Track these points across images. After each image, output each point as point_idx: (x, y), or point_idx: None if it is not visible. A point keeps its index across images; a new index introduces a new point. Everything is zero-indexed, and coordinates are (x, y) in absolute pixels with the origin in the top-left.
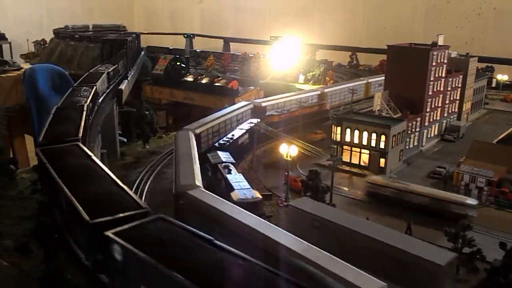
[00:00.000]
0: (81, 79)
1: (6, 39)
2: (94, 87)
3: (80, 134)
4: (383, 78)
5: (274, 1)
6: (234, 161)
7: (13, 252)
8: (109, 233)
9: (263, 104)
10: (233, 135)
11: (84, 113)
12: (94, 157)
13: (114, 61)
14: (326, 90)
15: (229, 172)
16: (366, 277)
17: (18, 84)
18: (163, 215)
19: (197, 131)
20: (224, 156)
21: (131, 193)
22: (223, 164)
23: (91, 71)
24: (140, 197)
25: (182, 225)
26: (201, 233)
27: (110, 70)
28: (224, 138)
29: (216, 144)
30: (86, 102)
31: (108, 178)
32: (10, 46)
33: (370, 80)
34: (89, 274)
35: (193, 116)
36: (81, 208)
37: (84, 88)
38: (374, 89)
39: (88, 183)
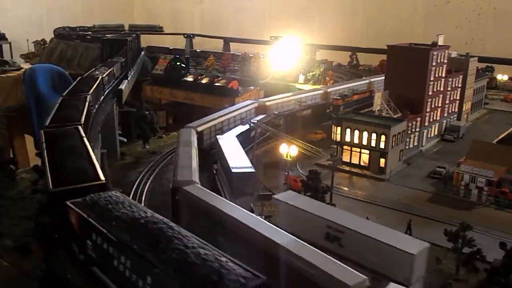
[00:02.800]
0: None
1: (6, 39)
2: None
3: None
4: (383, 77)
5: (274, 1)
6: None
7: (13, 252)
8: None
9: (267, 103)
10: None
11: (87, 103)
12: (85, 139)
13: (113, 62)
14: (329, 90)
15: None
16: (348, 271)
17: (18, 84)
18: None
19: (199, 128)
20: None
21: (98, 169)
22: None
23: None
24: (140, 197)
25: (129, 200)
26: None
27: (107, 73)
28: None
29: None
30: (89, 93)
31: (86, 156)
32: (10, 46)
33: (372, 80)
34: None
35: (193, 116)
36: (49, 178)
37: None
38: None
39: (67, 159)
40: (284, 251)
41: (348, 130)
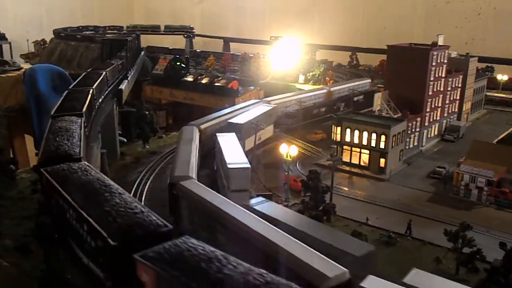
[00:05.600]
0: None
1: (6, 39)
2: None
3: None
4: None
5: (274, 1)
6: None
7: (13, 252)
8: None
9: (272, 103)
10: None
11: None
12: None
13: (114, 61)
14: (332, 89)
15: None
16: (330, 264)
17: (18, 84)
18: None
19: (202, 126)
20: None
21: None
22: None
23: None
24: (140, 196)
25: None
26: None
27: (108, 71)
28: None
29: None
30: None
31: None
32: (10, 46)
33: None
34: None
35: (193, 116)
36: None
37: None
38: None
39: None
40: (277, 247)
41: (348, 130)
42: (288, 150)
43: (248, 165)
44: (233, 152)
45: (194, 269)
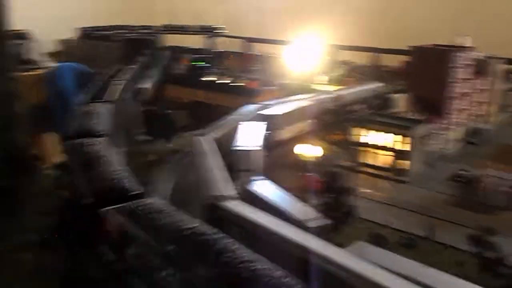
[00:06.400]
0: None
1: (32, 38)
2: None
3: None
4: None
5: (295, 1)
6: None
7: (36, 246)
8: None
9: (308, 100)
10: None
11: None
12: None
13: (138, 61)
14: (341, 93)
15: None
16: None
17: (42, 82)
18: None
19: (214, 135)
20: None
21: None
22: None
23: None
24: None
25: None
26: None
27: (134, 70)
28: None
29: None
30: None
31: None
32: (36, 45)
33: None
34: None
35: (213, 115)
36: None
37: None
38: None
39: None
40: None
41: (370, 132)
42: (309, 150)
43: (258, 148)
44: (248, 138)
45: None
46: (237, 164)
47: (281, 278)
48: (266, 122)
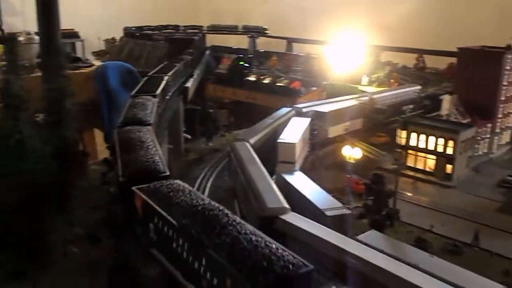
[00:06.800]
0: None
1: (79, 37)
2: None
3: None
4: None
5: (339, 1)
6: None
7: (83, 240)
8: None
9: (361, 99)
10: None
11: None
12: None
13: (180, 60)
14: (375, 96)
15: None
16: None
17: (90, 80)
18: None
19: (252, 141)
20: None
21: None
22: None
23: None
24: (203, 192)
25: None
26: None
27: (175, 69)
28: None
29: None
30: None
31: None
32: (83, 44)
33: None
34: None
35: (254, 115)
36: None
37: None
38: None
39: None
40: None
41: (414, 134)
42: (352, 152)
43: (295, 142)
44: (291, 132)
45: (165, 196)
46: (279, 156)
47: (273, 249)
48: (313, 119)
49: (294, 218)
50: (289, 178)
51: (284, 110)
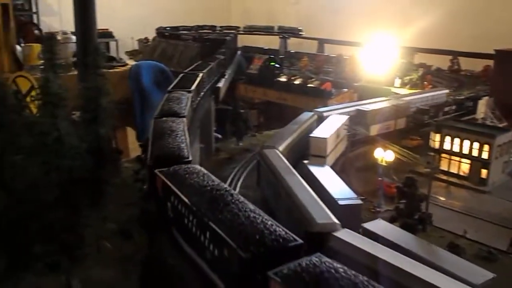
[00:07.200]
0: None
1: (113, 37)
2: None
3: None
4: None
5: (371, 1)
6: None
7: (116, 235)
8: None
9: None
10: None
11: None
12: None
13: (212, 60)
14: (402, 101)
15: None
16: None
17: (124, 79)
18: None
19: (281, 148)
20: None
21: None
22: None
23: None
24: None
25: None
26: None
27: (205, 71)
28: None
29: None
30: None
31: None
32: (117, 44)
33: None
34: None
35: (284, 116)
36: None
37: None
38: None
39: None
40: None
41: (447, 138)
42: (384, 154)
43: (326, 137)
44: (325, 128)
45: (181, 178)
46: (310, 150)
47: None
48: (355, 118)
49: (347, 235)
50: (311, 167)
51: (307, 114)
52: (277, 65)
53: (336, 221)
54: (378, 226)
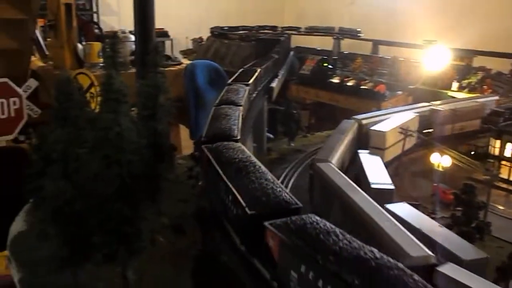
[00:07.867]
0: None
1: (169, 36)
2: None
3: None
4: None
5: (429, 2)
6: None
7: (169, 230)
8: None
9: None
10: None
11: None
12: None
13: (267, 60)
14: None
15: None
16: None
17: (179, 78)
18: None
19: (334, 161)
20: None
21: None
22: None
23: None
24: None
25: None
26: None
27: (263, 68)
28: None
29: None
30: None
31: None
32: (172, 43)
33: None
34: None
35: (336, 117)
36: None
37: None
38: None
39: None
40: None
41: (509, 145)
42: (440, 159)
43: (384, 130)
44: (389, 123)
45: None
46: (370, 142)
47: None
48: (429, 116)
49: (451, 270)
50: (362, 155)
51: (348, 122)
52: (330, 66)
53: (430, 253)
54: (402, 208)
